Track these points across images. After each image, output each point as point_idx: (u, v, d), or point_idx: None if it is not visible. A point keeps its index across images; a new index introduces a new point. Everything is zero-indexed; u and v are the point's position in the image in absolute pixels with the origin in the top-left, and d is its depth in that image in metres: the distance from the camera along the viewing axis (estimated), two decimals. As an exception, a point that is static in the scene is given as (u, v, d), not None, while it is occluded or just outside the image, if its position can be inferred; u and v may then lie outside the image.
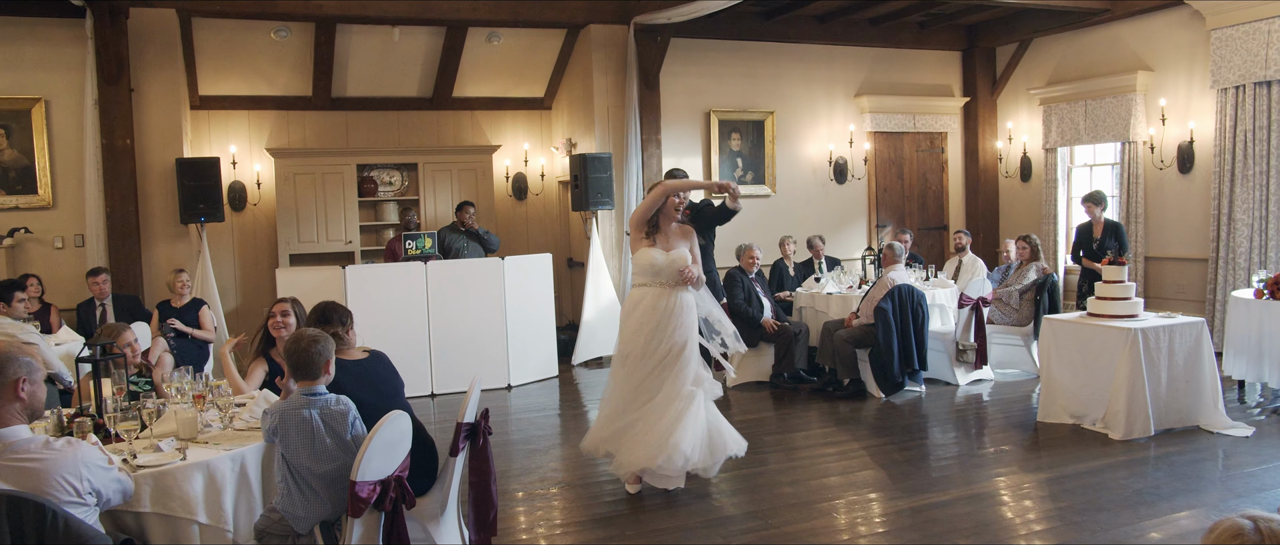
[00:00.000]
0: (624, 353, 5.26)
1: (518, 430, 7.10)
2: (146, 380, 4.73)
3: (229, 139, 10.23)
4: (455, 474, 3.96)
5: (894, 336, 7.60)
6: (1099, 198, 9.11)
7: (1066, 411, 6.62)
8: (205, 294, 8.65)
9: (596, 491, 5.50)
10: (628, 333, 5.24)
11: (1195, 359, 6.36)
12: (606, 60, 10.13)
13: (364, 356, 3.99)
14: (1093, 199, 9.11)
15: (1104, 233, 8.98)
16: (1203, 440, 6.11)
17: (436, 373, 8.35)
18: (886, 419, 7.06)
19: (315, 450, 3.41)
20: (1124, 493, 5.11)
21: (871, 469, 5.76)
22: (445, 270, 8.47)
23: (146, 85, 8.81)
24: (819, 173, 11.35)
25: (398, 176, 10.83)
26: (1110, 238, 8.87)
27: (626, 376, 5.24)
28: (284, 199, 10.10)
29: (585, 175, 9.42)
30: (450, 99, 10.94)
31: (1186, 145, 9.54)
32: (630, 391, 5.21)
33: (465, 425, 3.93)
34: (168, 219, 8.91)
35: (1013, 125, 11.71)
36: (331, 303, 4.04)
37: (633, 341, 5.19)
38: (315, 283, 8.11)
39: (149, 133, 8.84)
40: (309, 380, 3.48)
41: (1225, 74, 8.93)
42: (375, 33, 9.82)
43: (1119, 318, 6.41)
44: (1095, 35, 10.50)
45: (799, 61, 11.13)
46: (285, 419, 3.42)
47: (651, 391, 5.17)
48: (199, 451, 3.58)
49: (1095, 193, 9.16)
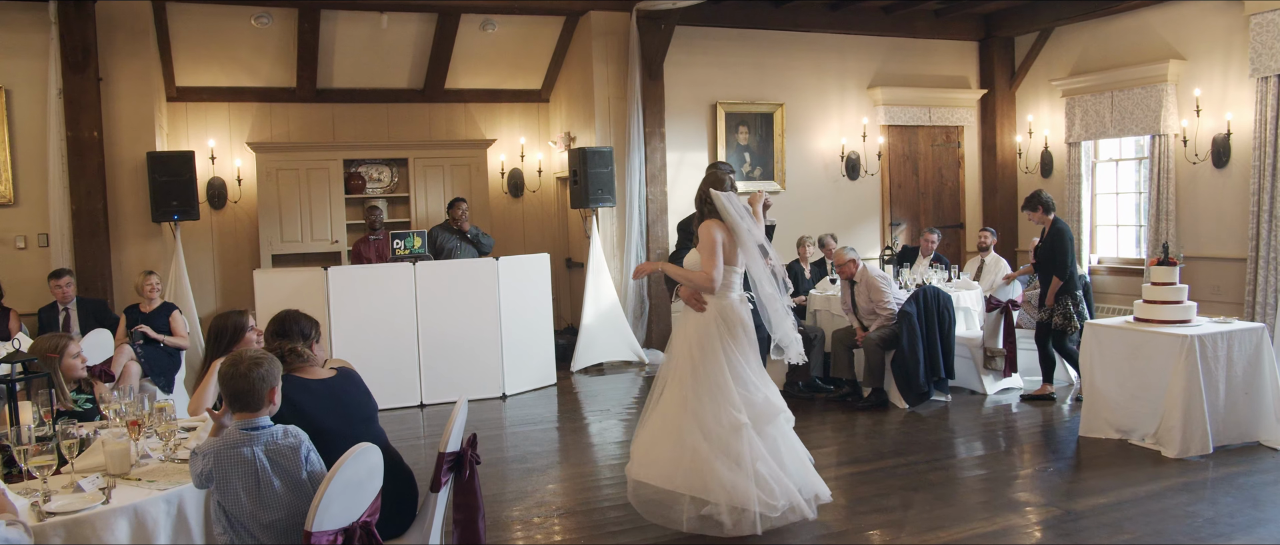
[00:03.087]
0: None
1: (513, 446, 6.53)
2: (88, 398, 4.16)
3: (207, 132, 9.66)
4: (438, 511, 3.40)
5: (919, 342, 7.05)
6: (1032, 202, 7.37)
7: (1112, 426, 6.06)
8: (179, 298, 8.10)
9: (600, 519, 4.94)
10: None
11: (1255, 368, 5.81)
12: (607, 49, 9.60)
13: (330, 375, 3.40)
14: (1031, 203, 7.41)
15: (1044, 242, 7.37)
16: (1266, 458, 5.56)
17: (426, 382, 7.80)
18: (913, 433, 6.50)
19: (261, 496, 2.84)
20: (1194, 522, 4.55)
21: (901, 493, 5.20)
22: (436, 272, 7.91)
23: (116, 74, 8.28)
24: (830, 168, 10.80)
25: (387, 172, 10.27)
26: (1048, 250, 7.28)
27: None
28: (266, 196, 9.55)
29: (585, 170, 8.89)
30: (442, 90, 10.40)
31: (1222, 138, 8.99)
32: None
33: (449, 456, 3.37)
34: (139, 217, 8.38)
35: (1033, 118, 11.16)
36: (292, 312, 3.46)
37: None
38: (295, 285, 7.55)
39: (118, 125, 8.30)
40: (249, 412, 2.91)
41: (1266, 61, 8.37)
42: (362, 20, 9.27)
43: (1171, 323, 5.85)
44: (1122, 23, 9.95)
45: (810, 51, 10.58)
46: (221, 460, 2.84)
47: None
48: (128, 491, 3.00)
49: (1031, 195, 7.45)
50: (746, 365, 4.56)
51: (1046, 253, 7.22)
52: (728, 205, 4.66)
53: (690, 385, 4.53)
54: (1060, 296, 7.13)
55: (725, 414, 4.46)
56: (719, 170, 4.88)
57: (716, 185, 4.73)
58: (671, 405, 4.59)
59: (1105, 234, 10.51)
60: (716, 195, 4.68)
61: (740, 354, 4.56)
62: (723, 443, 4.45)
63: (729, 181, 4.78)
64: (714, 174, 4.83)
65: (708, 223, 4.70)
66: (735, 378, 4.52)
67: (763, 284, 4.69)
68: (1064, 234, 7.17)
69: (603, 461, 6.18)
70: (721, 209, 4.66)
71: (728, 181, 4.77)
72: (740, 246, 4.65)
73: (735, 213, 4.65)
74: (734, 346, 4.55)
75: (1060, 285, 7.10)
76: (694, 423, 4.47)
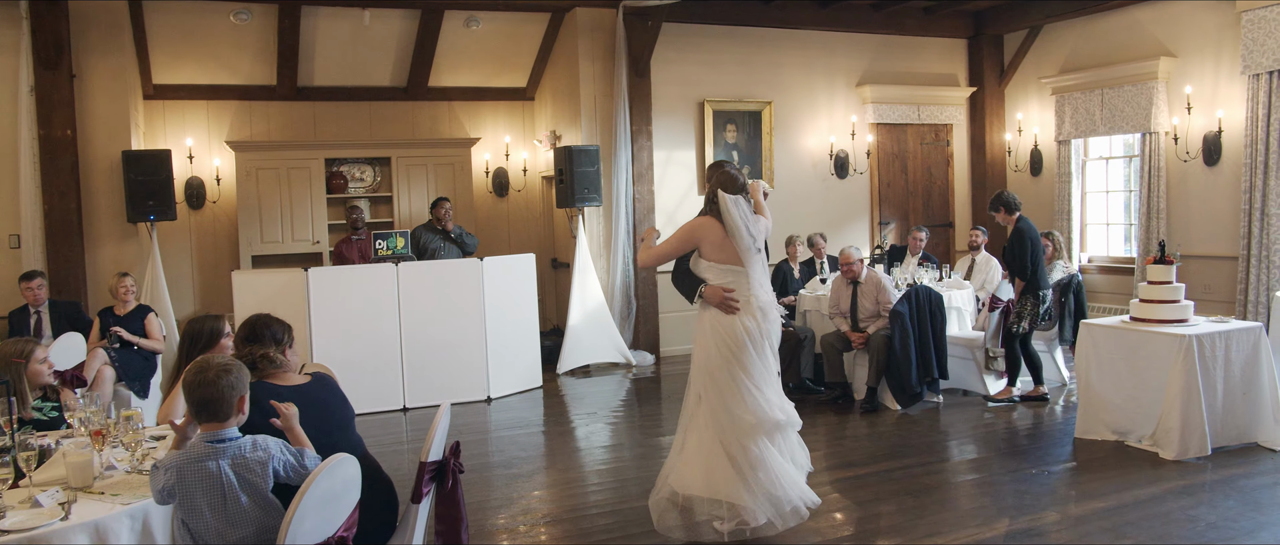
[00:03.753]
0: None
1: (498, 451, 6.38)
2: (53, 405, 3.98)
3: (186, 131, 9.46)
4: (419, 524, 3.25)
5: (912, 342, 6.93)
6: (995, 202, 7.22)
7: (1108, 427, 5.96)
8: (155, 300, 7.91)
9: (588, 526, 4.79)
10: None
11: (1253, 368, 5.71)
12: (593, 46, 9.45)
13: (305, 381, 3.24)
14: (995, 204, 7.24)
15: (1007, 243, 7.19)
16: (1265, 460, 5.46)
17: (409, 385, 7.63)
18: (907, 436, 6.38)
19: (227, 512, 2.67)
20: (1196, 527, 4.44)
21: (897, 498, 5.08)
22: (419, 273, 7.74)
23: (90, 71, 8.09)
24: (819, 166, 10.69)
25: (369, 171, 10.09)
26: (1009, 251, 7.12)
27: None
28: (246, 196, 9.35)
29: (571, 169, 8.74)
30: (426, 88, 10.22)
31: (1214, 135, 8.92)
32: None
33: (431, 465, 3.22)
34: (114, 218, 8.18)
35: (1022, 116, 11.08)
36: (264, 316, 3.30)
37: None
38: (275, 287, 7.37)
39: (93, 123, 8.11)
40: (216, 423, 2.75)
41: (1258, 58, 8.31)
42: (344, 16, 9.09)
43: (1168, 322, 5.75)
44: (1112, 20, 9.87)
45: (798, 48, 10.46)
46: (185, 475, 2.67)
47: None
48: (90, 506, 2.83)
49: (995, 196, 7.28)
50: (745, 372, 4.40)
51: (1009, 254, 7.12)
52: (733, 210, 4.41)
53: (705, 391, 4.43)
54: (1022, 298, 7.06)
55: (737, 418, 4.35)
56: (729, 170, 4.57)
57: (728, 186, 4.46)
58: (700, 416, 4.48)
59: (1095, 232, 10.44)
60: (724, 199, 4.43)
61: (743, 359, 4.39)
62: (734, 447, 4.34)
63: (740, 182, 4.52)
64: (726, 174, 4.53)
65: (704, 219, 4.52)
66: (736, 384, 4.37)
67: (760, 292, 4.47)
68: (1024, 235, 7.02)
69: (590, 467, 6.03)
70: (724, 212, 4.42)
71: (739, 182, 4.51)
72: (740, 253, 4.44)
73: (739, 219, 4.41)
74: (735, 352, 4.40)
75: (1022, 286, 7.04)
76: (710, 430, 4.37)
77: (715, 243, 4.47)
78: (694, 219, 4.59)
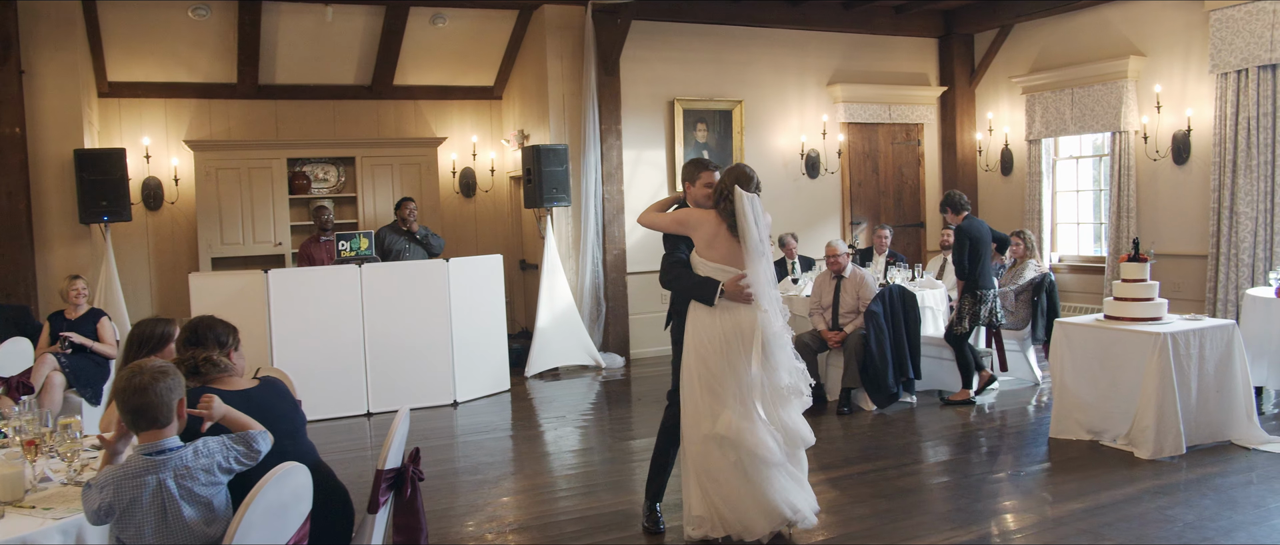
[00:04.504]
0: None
1: (464, 456, 6.21)
2: (-10, 415, 3.78)
3: (142, 130, 9.20)
4: (376, 534, 3.10)
5: (887, 342, 6.85)
6: (943, 203, 7.23)
7: (1083, 427, 5.90)
8: (109, 304, 7.67)
9: (557, 533, 4.64)
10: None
11: (1227, 366, 5.68)
12: (562, 44, 9.31)
13: (252, 386, 3.07)
14: (944, 204, 7.24)
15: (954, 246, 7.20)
16: (1239, 458, 5.42)
17: (373, 389, 7.44)
18: (883, 437, 6.29)
19: (169, 526, 2.50)
20: (1174, 527, 4.37)
21: (872, 501, 4.98)
22: (383, 274, 7.56)
23: (40, 68, 7.85)
24: (790, 166, 10.61)
25: (333, 172, 9.88)
26: (954, 250, 7.15)
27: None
28: (205, 196, 9.11)
29: (539, 169, 8.58)
30: (391, 87, 10.03)
31: (1183, 134, 8.94)
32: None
33: (388, 473, 3.06)
34: (66, 218, 7.93)
35: (993, 115, 11.08)
36: (207, 318, 3.12)
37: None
38: (233, 289, 7.15)
39: (43, 121, 7.86)
40: (154, 430, 2.57)
41: (1226, 57, 8.33)
42: (306, 12, 8.88)
43: (1142, 320, 5.71)
44: (1082, 19, 9.88)
45: (769, 47, 10.38)
46: (123, 492, 2.48)
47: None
48: (19, 521, 2.65)
49: (945, 196, 7.25)
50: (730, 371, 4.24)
51: (954, 254, 7.12)
52: (747, 209, 4.14)
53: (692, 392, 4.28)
54: (962, 297, 7.03)
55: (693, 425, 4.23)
56: (746, 168, 4.32)
57: (743, 182, 4.19)
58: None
59: (1066, 232, 10.45)
60: (740, 195, 4.14)
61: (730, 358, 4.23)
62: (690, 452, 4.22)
63: (755, 182, 4.26)
64: (741, 171, 4.27)
65: (703, 212, 4.30)
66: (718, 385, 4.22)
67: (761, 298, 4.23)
68: (964, 234, 6.99)
69: (559, 471, 5.88)
70: (739, 211, 4.14)
71: (754, 181, 4.26)
72: (746, 254, 4.18)
73: (752, 219, 4.15)
74: (704, 356, 4.25)
75: (963, 286, 7.02)
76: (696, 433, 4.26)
77: (705, 239, 4.27)
78: (694, 209, 4.40)
